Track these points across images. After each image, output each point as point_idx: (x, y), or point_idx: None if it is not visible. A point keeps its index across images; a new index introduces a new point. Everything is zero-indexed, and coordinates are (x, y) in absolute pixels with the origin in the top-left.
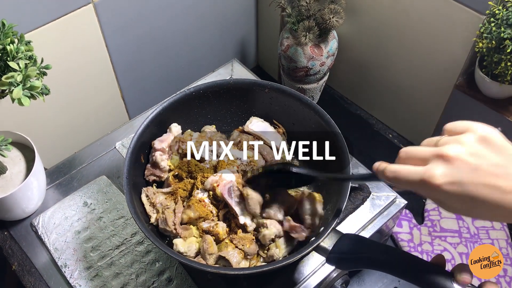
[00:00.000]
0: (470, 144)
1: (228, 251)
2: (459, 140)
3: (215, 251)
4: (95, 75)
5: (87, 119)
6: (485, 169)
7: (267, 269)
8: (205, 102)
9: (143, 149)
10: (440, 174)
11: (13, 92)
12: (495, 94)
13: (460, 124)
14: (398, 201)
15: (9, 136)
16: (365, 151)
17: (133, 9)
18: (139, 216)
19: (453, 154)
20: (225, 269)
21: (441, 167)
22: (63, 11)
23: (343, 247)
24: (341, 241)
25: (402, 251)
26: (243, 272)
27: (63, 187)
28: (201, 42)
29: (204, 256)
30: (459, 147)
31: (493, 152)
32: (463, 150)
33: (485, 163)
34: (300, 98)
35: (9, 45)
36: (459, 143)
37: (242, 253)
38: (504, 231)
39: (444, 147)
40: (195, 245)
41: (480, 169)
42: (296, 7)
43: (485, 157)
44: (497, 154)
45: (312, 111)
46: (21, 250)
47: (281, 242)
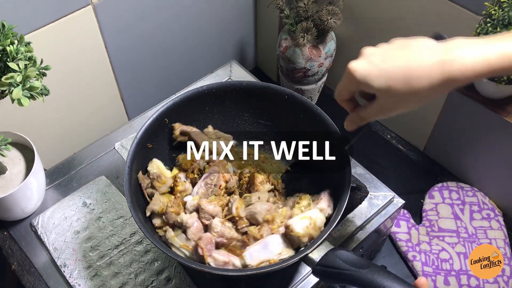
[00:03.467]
0: (383, 46)
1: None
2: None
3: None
4: (95, 76)
5: (86, 120)
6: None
7: (263, 271)
8: (214, 101)
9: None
10: (356, 63)
11: (13, 93)
12: (492, 94)
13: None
14: (396, 201)
15: (8, 136)
16: (363, 152)
17: (132, 10)
18: (135, 207)
19: (367, 51)
20: (223, 270)
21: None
22: (63, 13)
23: (329, 261)
24: (328, 255)
25: (388, 272)
26: (241, 273)
27: (62, 187)
28: (200, 43)
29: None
30: (374, 48)
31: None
32: (376, 49)
33: (388, 52)
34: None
35: (9, 46)
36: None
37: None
38: (502, 231)
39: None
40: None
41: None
42: (294, 9)
43: (389, 49)
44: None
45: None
46: (20, 250)
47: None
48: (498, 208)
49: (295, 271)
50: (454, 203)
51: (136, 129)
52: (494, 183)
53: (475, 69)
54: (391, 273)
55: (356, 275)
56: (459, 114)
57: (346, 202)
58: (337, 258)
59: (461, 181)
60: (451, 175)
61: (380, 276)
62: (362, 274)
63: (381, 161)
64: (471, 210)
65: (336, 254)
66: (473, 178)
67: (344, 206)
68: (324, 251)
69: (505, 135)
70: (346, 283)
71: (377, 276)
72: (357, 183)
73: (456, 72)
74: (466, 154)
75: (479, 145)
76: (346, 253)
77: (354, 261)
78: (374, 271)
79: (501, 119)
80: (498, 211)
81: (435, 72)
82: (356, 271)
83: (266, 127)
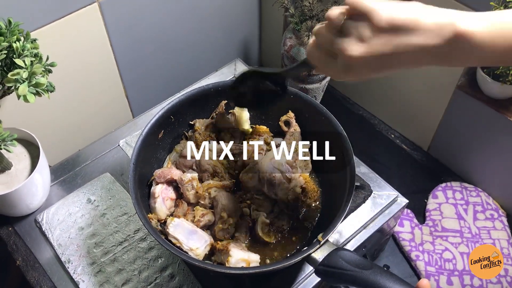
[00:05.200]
0: (369, 40)
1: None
2: (360, 37)
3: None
4: (100, 74)
5: (91, 117)
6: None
7: (266, 270)
8: (219, 100)
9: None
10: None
11: (19, 89)
12: (497, 94)
13: (361, 5)
14: (400, 200)
15: (14, 132)
16: (367, 151)
17: (137, 8)
18: (140, 204)
19: (355, 55)
20: (226, 269)
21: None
22: (68, 10)
23: (332, 261)
24: (331, 255)
25: (391, 273)
26: (243, 272)
27: (67, 184)
28: (205, 42)
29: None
30: (359, 47)
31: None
32: (362, 49)
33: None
34: (314, 104)
35: (15, 42)
36: (360, 41)
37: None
38: (505, 231)
39: (345, 47)
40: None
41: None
42: (299, 7)
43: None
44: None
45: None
46: (25, 245)
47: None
48: (502, 208)
49: (298, 270)
50: (457, 203)
51: (141, 126)
52: (498, 183)
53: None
54: (394, 275)
55: (358, 276)
56: (463, 114)
57: (350, 202)
58: (340, 258)
59: (464, 181)
60: (455, 175)
61: (383, 277)
62: (365, 275)
63: (384, 161)
64: (474, 210)
65: (339, 254)
66: (477, 178)
67: (348, 205)
68: (327, 251)
69: (510, 136)
70: (348, 284)
71: (379, 277)
72: (361, 182)
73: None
74: (470, 154)
75: (483, 145)
76: (349, 254)
77: (357, 262)
78: (376, 272)
79: (506, 119)
80: (502, 212)
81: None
82: (359, 272)
83: (269, 126)
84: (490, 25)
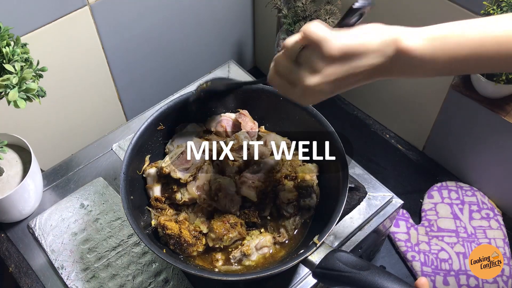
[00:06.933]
0: (323, 70)
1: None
2: (314, 68)
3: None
4: (92, 77)
5: (83, 121)
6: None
7: (261, 275)
8: (212, 103)
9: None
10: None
11: (9, 95)
12: (491, 94)
13: (314, 35)
14: (395, 201)
15: (5, 138)
16: (362, 152)
17: (129, 11)
18: (131, 211)
19: (310, 84)
20: (221, 276)
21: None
22: (59, 14)
23: (329, 263)
24: (328, 257)
25: (389, 273)
26: (239, 278)
27: (59, 189)
28: (198, 44)
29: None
30: (313, 77)
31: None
32: (317, 79)
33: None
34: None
35: (5, 47)
36: (314, 72)
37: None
38: (501, 230)
39: (301, 77)
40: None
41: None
42: (292, 8)
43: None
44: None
45: (305, 112)
46: (18, 252)
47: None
48: (498, 207)
49: (293, 273)
50: (453, 203)
51: (134, 130)
52: (493, 182)
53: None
54: (391, 274)
55: (356, 277)
56: (458, 114)
57: (344, 203)
58: (337, 260)
59: (460, 181)
60: (450, 174)
61: (381, 277)
62: (363, 276)
63: (380, 161)
64: (470, 210)
65: (336, 256)
66: (472, 177)
67: (342, 207)
68: (323, 253)
69: (504, 135)
70: (346, 285)
71: (377, 277)
72: (356, 184)
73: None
74: (465, 154)
75: (478, 145)
76: (346, 255)
77: (354, 263)
78: (374, 272)
79: (500, 119)
80: (498, 211)
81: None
82: (357, 273)
83: (265, 127)
84: (431, 39)
